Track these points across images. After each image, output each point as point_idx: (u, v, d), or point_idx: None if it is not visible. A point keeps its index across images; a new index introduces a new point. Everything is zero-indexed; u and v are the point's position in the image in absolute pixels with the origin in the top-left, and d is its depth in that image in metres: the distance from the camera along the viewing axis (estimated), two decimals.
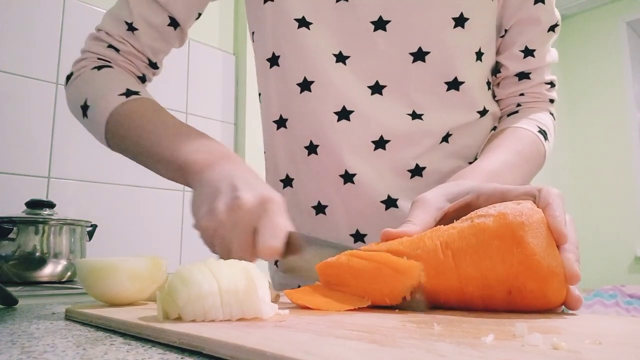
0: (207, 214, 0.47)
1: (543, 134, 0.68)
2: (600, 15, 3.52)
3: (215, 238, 0.47)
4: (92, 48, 0.69)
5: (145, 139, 0.59)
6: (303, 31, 0.64)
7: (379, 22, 0.63)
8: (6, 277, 1.14)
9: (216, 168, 0.51)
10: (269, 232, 0.46)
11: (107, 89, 0.63)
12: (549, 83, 0.73)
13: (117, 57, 0.68)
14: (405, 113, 0.64)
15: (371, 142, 0.64)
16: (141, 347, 0.30)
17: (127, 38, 0.68)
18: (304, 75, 0.65)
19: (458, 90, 0.65)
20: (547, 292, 0.37)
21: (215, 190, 0.48)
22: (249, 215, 0.46)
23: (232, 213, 0.46)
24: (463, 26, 0.63)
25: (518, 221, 0.37)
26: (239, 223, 0.46)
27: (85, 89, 0.66)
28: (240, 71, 2.04)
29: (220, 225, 0.46)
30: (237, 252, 0.47)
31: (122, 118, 0.61)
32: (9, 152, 1.43)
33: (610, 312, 2.79)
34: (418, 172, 0.65)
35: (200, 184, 0.51)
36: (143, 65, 0.71)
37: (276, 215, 0.46)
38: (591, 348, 0.24)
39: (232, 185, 0.47)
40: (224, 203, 0.46)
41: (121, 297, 0.44)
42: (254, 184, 0.48)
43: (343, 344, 0.25)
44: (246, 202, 0.46)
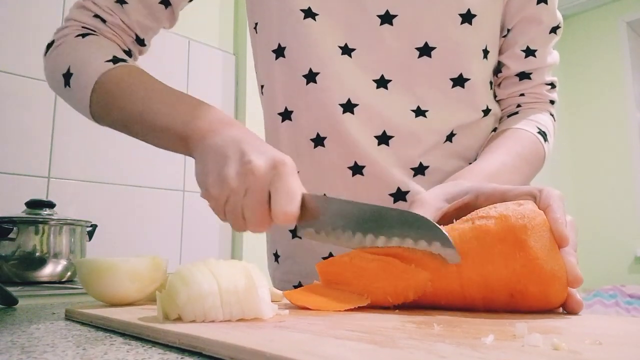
0: (216, 182, 0.45)
1: (543, 135, 0.68)
2: (600, 15, 3.52)
3: (228, 206, 0.45)
4: (77, 16, 0.65)
5: (137, 106, 0.55)
6: (309, 22, 0.63)
7: (386, 16, 0.63)
8: (6, 277, 1.14)
9: (220, 133, 0.48)
10: (284, 197, 0.43)
11: (93, 55, 0.59)
12: (549, 84, 0.73)
13: (103, 27, 0.64)
14: (409, 109, 0.64)
15: (374, 137, 0.64)
16: (141, 347, 0.30)
17: (115, 10, 0.64)
18: (310, 67, 0.64)
19: (463, 87, 0.65)
20: (549, 295, 0.37)
21: (223, 156, 0.46)
22: (261, 180, 0.44)
23: (244, 179, 0.44)
24: (470, 22, 0.63)
25: (520, 224, 0.37)
26: (252, 189, 0.44)
27: (67, 56, 0.61)
28: (240, 71, 2.04)
29: (232, 192, 0.44)
30: (251, 219, 0.45)
31: (109, 85, 0.57)
32: (9, 152, 1.43)
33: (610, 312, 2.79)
34: (421, 170, 0.65)
35: (204, 151, 0.48)
36: (130, 39, 0.67)
37: (289, 178, 0.44)
38: (591, 348, 0.24)
39: (240, 150, 0.45)
40: (234, 169, 0.44)
41: (121, 297, 0.44)
42: (262, 148, 0.46)
43: (343, 344, 0.25)
44: (258, 167, 0.43)
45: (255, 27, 0.70)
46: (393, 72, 0.64)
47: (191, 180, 1.84)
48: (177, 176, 1.80)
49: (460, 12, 0.62)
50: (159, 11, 0.67)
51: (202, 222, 1.85)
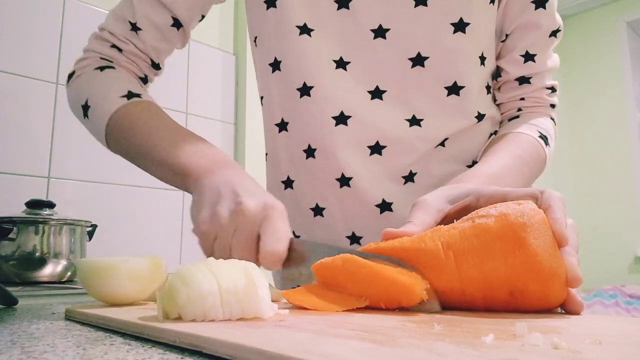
0: (208, 219, 0.47)
1: (544, 139, 0.68)
2: (600, 15, 3.52)
3: (216, 243, 0.47)
4: (95, 47, 0.69)
5: (145, 141, 0.59)
6: (304, 38, 0.65)
7: (379, 30, 0.64)
8: (6, 277, 1.14)
9: (217, 174, 0.51)
10: (272, 237, 0.45)
11: (109, 90, 0.63)
12: (550, 88, 0.73)
13: (120, 57, 0.68)
14: (404, 118, 0.65)
15: (367, 147, 0.65)
16: (141, 347, 0.30)
17: (131, 38, 0.68)
18: (304, 81, 0.66)
19: (458, 95, 0.65)
20: (549, 293, 0.37)
21: (217, 195, 0.48)
22: (251, 220, 0.46)
23: (235, 218, 0.46)
24: (464, 31, 0.63)
25: (520, 222, 0.37)
26: (241, 228, 0.46)
27: (86, 89, 0.66)
28: (240, 71, 2.04)
29: (222, 230, 0.46)
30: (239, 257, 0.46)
31: (122, 120, 0.61)
32: (9, 152, 1.43)
33: (610, 312, 2.79)
34: (410, 178, 0.66)
35: (201, 189, 0.51)
36: (145, 65, 0.71)
37: (278, 221, 0.46)
38: (591, 348, 0.24)
39: (234, 191, 0.47)
40: (227, 208, 0.46)
41: (121, 297, 0.44)
42: (255, 191, 0.48)
43: (343, 343, 0.25)
44: (249, 208, 0.46)
45: (255, 40, 0.72)
46: (387, 83, 0.65)
47: None
48: None
49: (452, 22, 0.63)
50: (171, 33, 0.70)
51: None
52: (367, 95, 0.65)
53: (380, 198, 0.65)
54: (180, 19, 0.70)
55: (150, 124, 0.60)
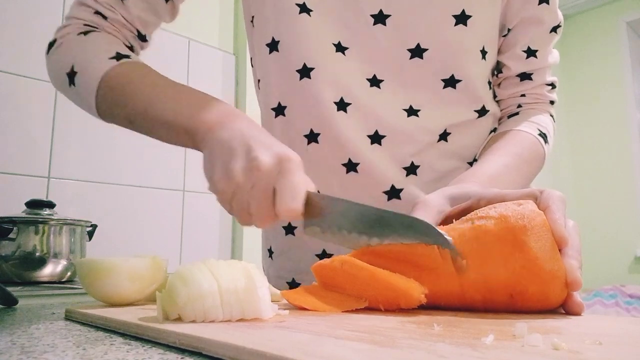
0: (223, 177, 0.45)
1: (543, 136, 0.68)
2: (600, 15, 3.52)
3: (233, 201, 0.45)
4: (78, 14, 0.65)
5: (143, 101, 0.55)
6: (304, 17, 0.63)
7: (379, 15, 0.63)
8: (6, 277, 1.14)
9: (227, 126, 0.48)
10: (288, 194, 0.43)
11: (96, 53, 0.59)
12: (550, 84, 0.73)
13: (105, 23, 0.64)
14: (401, 108, 0.64)
15: (367, 136, 0.64)
16: (141, 347, 0.30)
17: (116, 6, 0.64)
18: (304, 62, 0.63)
19: (455, 88, 0.65)
20: (549, 296, 0.37)
21: (229, 150, 0.46)
22: (266, 176, 0.44)
23: (250, 175, 0.44)
24: (465, 24, 0.63)
25: (520, 225, 0.37)
26: (257, 185, 0.44)
27: (71, 54, 0.61)
28: (240, 71, 2.04)
29: (238, 187, 0.44)
30: (256, 214, 0.45)
31: (114, 82, 0.57)
32: (9, 152, 1.43)
33: (610, 312, 2.79)
34: (413, 170, 0.65)
35: (211, 145, 0.48)
36: (131, 35, 0.66)
37: (294, 175, 0.44)
38: (591, 348, 0.24)
39: (247, 145, 0.45)
40: (240, 164, 0.44)
41: (121, 297, 0.44)
42: (269, 143, 0.46)
43: (343, 344, 0.25)
44: (263, 163, 0.43)
45: (251, 20, 0.70)
46: (385, 71, 0.64)
47: (191, 180, 1.85)
48: (177, 176, 1.80)
49: (454, 14, 0.62)
50: (159, 5, 0.66)
51: (202, 222, 1.85)
52: (365, 82, 0.64)
53: (390, 184, 0.64)
54: None
55: (146, 82, 0.56)
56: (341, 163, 0.64)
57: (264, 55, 0.68)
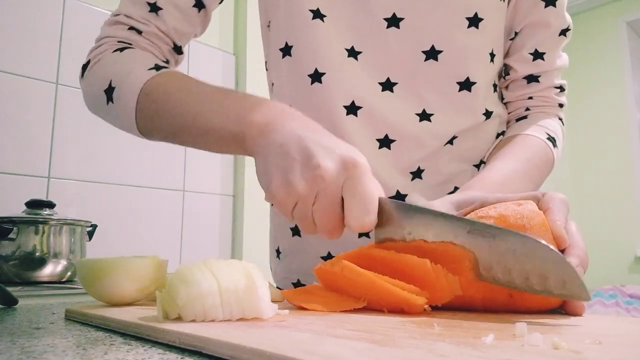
0: (281, 187, 0.41)
1: (552, 141, 0.68)
2: (600, 15, 3.52)
3: (296, 212, 0.42)
4: (111, 32, 0.63)
5: (186, 111, 0.52)
6: (317, 22, 0.63)
7: (393, 19, 0.63)
8: (6, 277, 1.14)
9: (278, 128, 0.44)
10: (359, 205, 0.40)
11: (134, 66, 0.57)
12: (558, 87, 0.72)
13: (139, 38, 0.62)
14: (414, 113, 0.64)
15: (376, 140, 0.64)
16: (141, 347, 0.30)
17: (151, 19, 0.62)
18: (315, 67, 0.64)
19: (470, 91, 0.65)
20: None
21: (286, 157, 0.42)
22: (332, 185, 0.40)
23: (313, 184, 0.40)
24: (477, 26, 0.63)
25: (519, 224, 0.37)
26: (322, 195, 0.40)
27: (108, 71, 0.59)
28: (240, 71, 2.04)
29: (300, 199, 0.41)
30: (322, 225, 0.42)
31: (155, 93, 0.54)
32: (9, 152, 1.43)
33: (610, 312, 2.79)
34: (418, 174, 0.65)
35: (264, 151, 0.44)
36: (167, 48, 0.65)
37: (364, 182, 0.41)
38: (591, 348, 0.24)
39: (305, 150, 0.41)
40: (301, 174, 0.40)
41: (121, 297, 0.44)
42: (329, 145, 0.42)
43: (343, 343, 0.25)
44: (327, 171, 0.40)
45: (268, 25, 0.70)
46: (399, 75, 0.64)
47: (191, 180, 1.85)
48: (177, 176, 1.80)
49: (467, 16, 0.62)
50: (192, 14, 0.65)
51: (202, 222, 1.85)
52: (377, 86, 0.64)
53: (395, 189, 0.63)
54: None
55: (188, 91, 0.53)
56: None
57: (278, 60, 0.68)
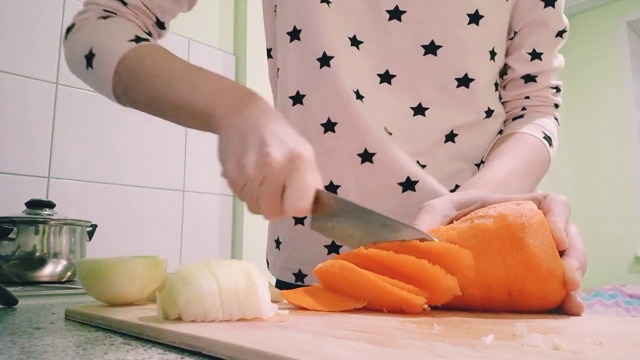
0: (235, 167, 0.46)
1: (548, 140, 0.68)
2: (600, 15, 3.52)
3: (244, 191, 0.46)
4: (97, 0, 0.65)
5: (160, 84, 0.55)
6: (324, 7, 0.63)
7: (395, 11, 0.63)
8: (6, 277, 1.14)
9: (242, 112, 0.48)
10: (296, 192, 0.44)
11: (115, 36, 0.59)
12: (554, 87, 0.73)
13: (124, 9, 0.64)
14: (409, 106, 0.64)
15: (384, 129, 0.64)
16: (141, 347, 0.30)
17: None
18: (324, 50, 0.64)
19: (468, 88, 0.65)
20: (547, 294, 0.37)
21: (243, 140, 0.46)
22: (277, 172, 0.44)
23: (261, 169, 0.44)
24: (477, 23, 0.63)
25: (518, 223, 0.37)
26: (267, 180, 0.45)
27: (90, 37, 0.61)
28: (240, 71, 2.04)
29: (249, 180, 0.45)
30: (265, 208, 0.46)
31: (132, 64, 0.57)
32: (9, 152, 1.43)
33: (610, 312, 2.79)
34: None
35: (226, 131, 0.48)
36: (150, 22, 0.67)
37: (305, 174, 0.45)
38: (591, 348, 0.24)
39: (261, 139, 0.45)
40: (253, 158, 0.45)
41: (121, 297, 0.44)
42: (283, 137, 0.46)
43: (343, 344, 0.25)
44: (275, 159, 0.44)
45: (274, 9, 0.70)
46: (398, 68, 0.64)
47: (191, 180, 1.85)
48: (177, 176, 1.80)
49: (468, 12, 0.63)
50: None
51: (202, 222, 1.85)
52: (376, 78, 0.64)
53: (405, 175, 0.63)
54: None
55: (163, 65, 0.57)
56: (357, 153, 0.64)
57: (285, 44, 0.68)
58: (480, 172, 0.61)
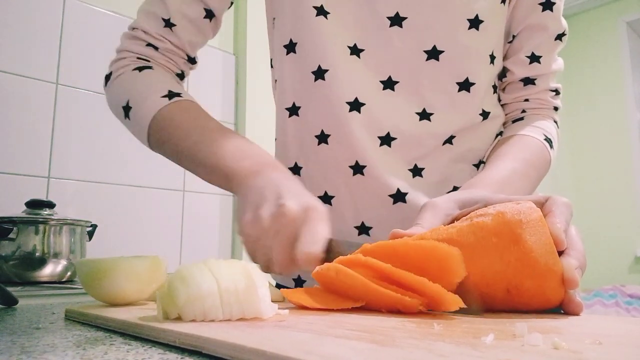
0: (251, 221, 0.48)
1: (549, 142, 0.68)
2: (600, 15, 3.53)
3: (257, 245, 0.48)
4: (130, 47, 0.68)
5: (189, 143, 0.59)
6: (321, 19, 0.64)
7: (396, 18, 0.63)
8: (6, 277, 1.14)
9: (262, 175, 0.52)
10: (309, 239, 0.45)
11: (149, 91, 0.63)
12: (553, 90, 0.73)
13: (156, 55, 0.68)
14: (414, 112, 0.65)
15: (377, 138, 0.65)
16: (141, 347, 0.30)
17: (166, 35, 0.68)
18: (319, 64, 0.65)
19: (469, 92, 0.65)
20: (545, 290, 0.37)
21: (261, 197, 0.49)
22: (292, 223, 0.46)
23: (276, 220, 0.46)
24: (477, 28, 0.64)
25: (516, 219, 0.37)
26: (282, 231, 0.46)
27: (126, 90, 0.66)
28: (240, 71, 2.04)
29: (263, 232, 0.47)
30: (277, 260, 0.47)
31: (164, 121, 0.61)
32: (9, 152, 1.43)
33: (610, 312, 2.79)
34: (418, 172, 0.66)
35: (245, 191, 0.51)
36: (182, 61, 0.71)
37: (318, 223, 0.46)
38: (591, 348, 0.24)
39: (277, 194, 0.48)
40: (268, 211, 0.47)
41: (121, 297, 0.44)
42: (298, 193, 0.49)
43: (343, 343, 0.25)
44: (290, 210, 0.46)
45: (273, 21, 0.71)
46: (401, 74, 0.65)
47: (191, 181, 1.84)
48: (177, 176, 1.80)
49: (468, 17, 0.63)
50: (204, 25, 0.70)
51: (202, 222, 1.85)
52: (379, 85, 0.65)
53: (395, 188, 0.64)
54: (213, 8, 0.69)
55: (193, 124, 0.60)
56: (349, 165, 0.65)
57: (282, 57, 0.69)
58: (481, 172, 0.61)
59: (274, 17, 0.71)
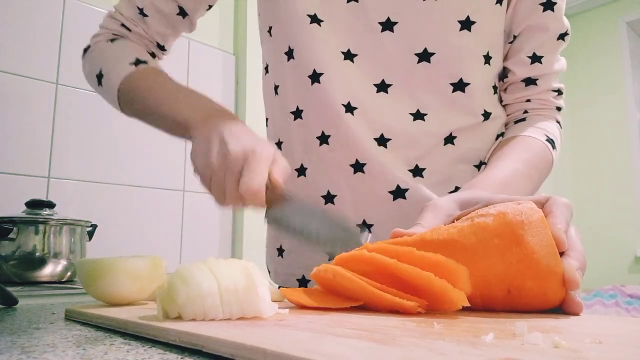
0: (203, 164, 0.55)
1: (551, 142, 0.68)
2: (600, 15, 3.52)
3: (212, 184, 0.55)
4: (108, 25, 0.76)
5: (152, 99, 0.67)
6: (314, 27, 0.66)
7: (387, 23, 0.65)
8: (6, 277, 1.14)
9: (211, 123, 0.58)
10: (247, 176, 0.52)
11: (119, 58, 0.71)
12: (556, 90, 0.73)
13: (129, 34, 0.75)
14: (408, 112, 0.66)
15: (373, 139, 0.66)
16: (141, 346, 0.30)
17: (138, 21, 0.74)
18: (314, 68, 0.67)
19: (464, 92, 0.66)
20: (546, 291, 0.37)
21: (209, 142, 0.55)
22: (235, 164, 0.53)
23: (222, 163, 0.53)
24: (470, 29, 0.64)
25: (517, 220, 0.37)
26: (229, 171, 0.53)
27: (100, 59, 0.73)
28: (240, 71, 2.04)
29: (214, 172, 0.54)
30: (229, 195, 0.54)
31: (132, 84, 0.69)
32: (9, 152, 1.43)
33: (610, 312, 2.79)
34: (419, 172, 0.66)
35: (197, 137, 0.58)
36: (152, 45, 0.77)
37: (256, 163, 0.52)
38: (591, 347, 0.24)
39: (222, 139, 0.54)
40: (215, 155, 0.54)
41: (121, 296, 0.44)
42: (242, 137, 0.55)
43: (343, 342, 0.25)
44: (232, 153, 0.53)
45: (269, 30, 0.73)
46: (394, 76, 0.66)
47: (191, 180, 1.84)
48: (177, 176, 1.80)
49: (459, 19, 0.64)
50: (176, 21, 0.76)
51: (202, 222, 1.85)
52: (372, 88, 0.66)
53: (395, 184, 0.65)
54: (186, 8, 0.75)
55: (155, 84, 0.68)
56: (349, 164, 0.67)
57: (283, 63, 0.71)
58: (483, 173, 0.61)
59: (270, 26, 0.73)
